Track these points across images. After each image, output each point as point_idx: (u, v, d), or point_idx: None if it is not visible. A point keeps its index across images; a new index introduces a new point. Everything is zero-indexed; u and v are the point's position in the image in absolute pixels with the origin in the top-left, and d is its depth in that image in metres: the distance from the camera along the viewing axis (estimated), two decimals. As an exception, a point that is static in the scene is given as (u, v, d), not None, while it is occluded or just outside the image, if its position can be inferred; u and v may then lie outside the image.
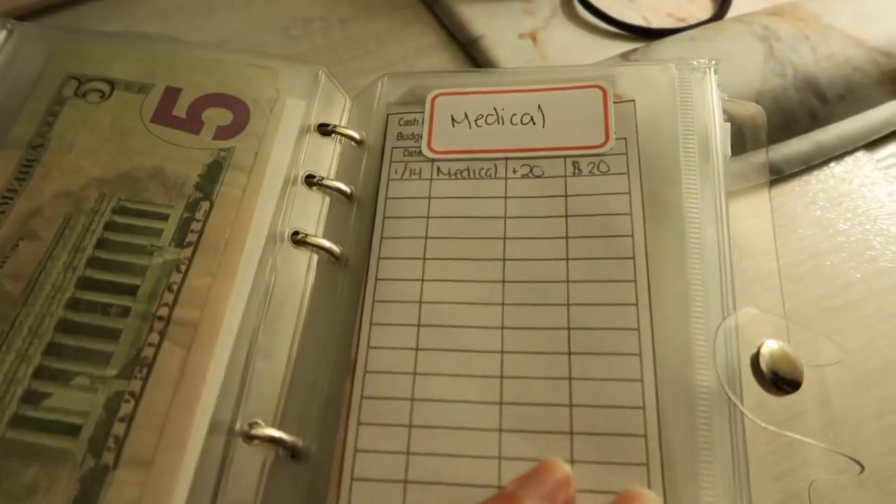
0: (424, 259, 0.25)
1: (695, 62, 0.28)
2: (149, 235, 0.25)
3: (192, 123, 0.28)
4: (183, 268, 0.24)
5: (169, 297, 0.23)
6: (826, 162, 0.33)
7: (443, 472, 0.21)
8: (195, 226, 0.25)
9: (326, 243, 0.26)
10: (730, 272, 0.24)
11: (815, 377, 0.25)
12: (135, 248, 0.25)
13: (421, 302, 0.24)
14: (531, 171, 0.26)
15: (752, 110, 0.29)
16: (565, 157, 0.26)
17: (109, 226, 0.25)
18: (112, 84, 0.29)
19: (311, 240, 0.26)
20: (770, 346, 0.23)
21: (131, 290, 0.24)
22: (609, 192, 0.25)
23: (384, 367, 0.23)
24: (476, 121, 0.28)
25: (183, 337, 0.22)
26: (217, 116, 0.28)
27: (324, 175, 0.28)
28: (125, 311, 0.23)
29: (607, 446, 0.21)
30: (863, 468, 0.22)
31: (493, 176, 0.26)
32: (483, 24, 0.38)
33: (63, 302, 0.23)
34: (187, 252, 0.24)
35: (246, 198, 0.26)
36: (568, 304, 0.23)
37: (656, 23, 0.38)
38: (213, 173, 0.26)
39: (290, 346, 0.24)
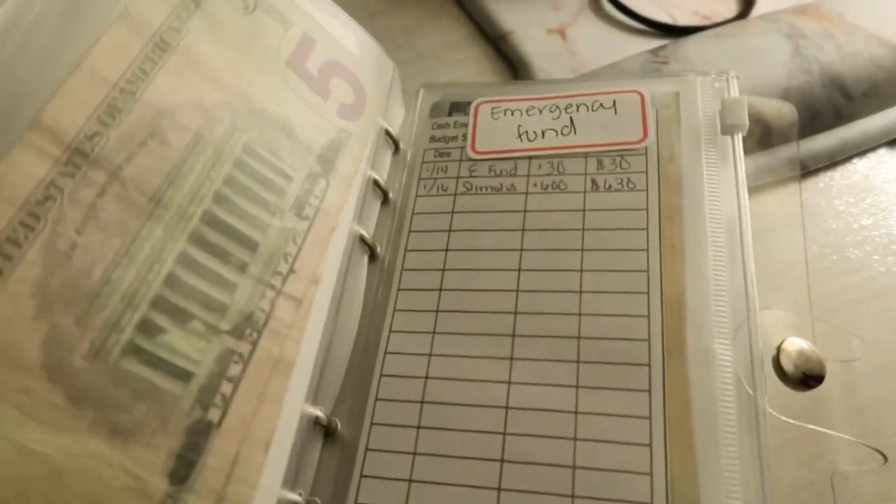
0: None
1: (716, 83, 0.28)
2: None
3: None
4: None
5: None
6: (850, 158, 0.33)
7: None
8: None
9: (377, 247, 0.27)
10: (752, 274, 0.24)
11: (839, 367, 0.26)
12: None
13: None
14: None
15: (782, 107, 0.30)
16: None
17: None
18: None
19: (365, 238, 0.26)
20: (791, 344, 0.23)
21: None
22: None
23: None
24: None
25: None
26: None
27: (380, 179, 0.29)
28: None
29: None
30: (886, 459, 0.23)
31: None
32: (511, 19, 0.39)
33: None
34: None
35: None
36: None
37: (682, 20, 0.38)
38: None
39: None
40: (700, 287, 0.23)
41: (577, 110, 0.28)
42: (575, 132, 0.28)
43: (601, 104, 0.28)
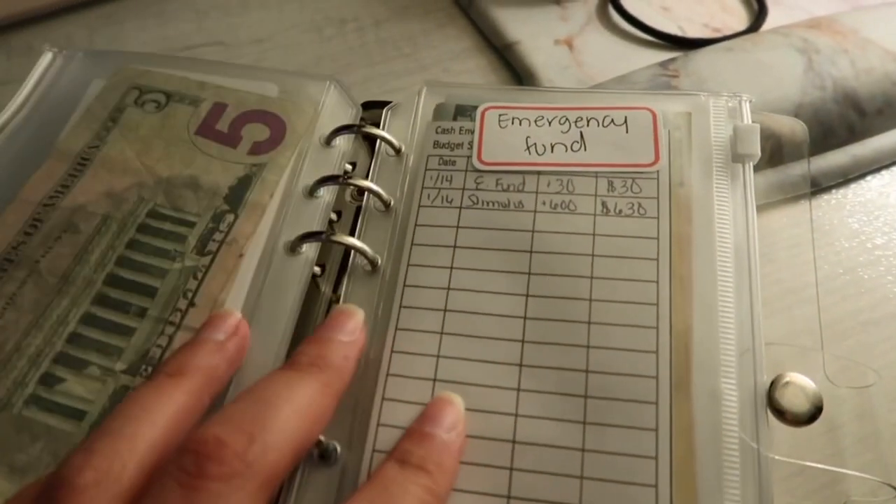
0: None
1: (729, 103, 0.28)
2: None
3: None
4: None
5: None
6: (863, 175, 0.33)
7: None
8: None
9: (369, 250, 0.26)
10: (759, 311, 0.23)
11: (850, 394, 0.25)
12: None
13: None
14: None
15: (794, 125, 0.29)
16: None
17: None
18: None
19: (343, 239, 0.26)
20: (786, 380, 0.22)
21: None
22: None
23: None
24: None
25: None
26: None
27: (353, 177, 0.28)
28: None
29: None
30: (898, 491, 0.22)
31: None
32: (518, 29, 0.38)
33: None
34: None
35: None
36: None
37: (692, 33, 0.38)
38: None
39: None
40: (707, 323, 0.22)
41: (588, 124, 0.27)
42: (585, 149, 0.27)
43: (612, 120, 0.27)
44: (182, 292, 0.25)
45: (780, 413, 0.21)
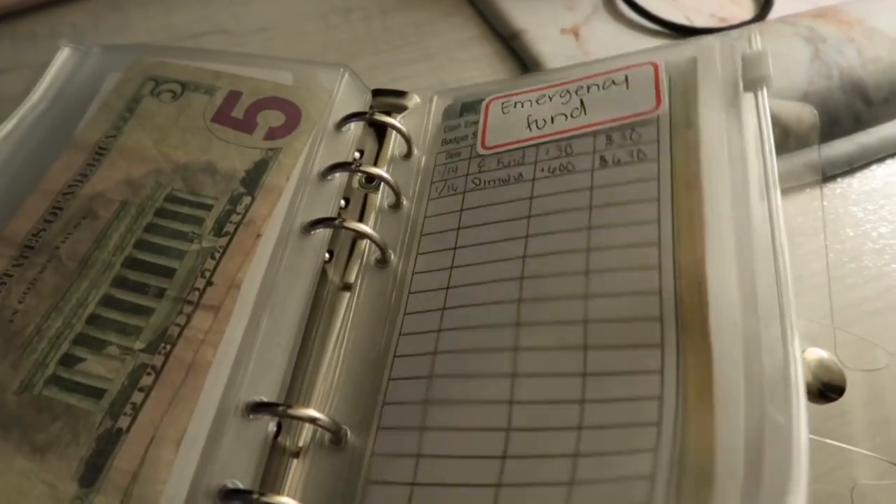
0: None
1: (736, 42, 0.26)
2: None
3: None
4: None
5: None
6: (868, 164, 0.33)
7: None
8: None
9: (379, 239, 0.26)
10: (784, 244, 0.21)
11: (859, 378, 0.25)
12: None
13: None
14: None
15: (802, 110, 0.29)
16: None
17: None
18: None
19: (356, 227, 0.26)
20: (812, 355, 0.23)
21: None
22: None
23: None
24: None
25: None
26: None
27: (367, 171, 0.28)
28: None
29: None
30: (907, 473, 0.22)
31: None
32: (524, 18, 0.38)
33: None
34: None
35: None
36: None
37: (698, 22, 0.38)
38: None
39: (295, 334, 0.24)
40: (724, 260, 0.21)
41: (588, 91, 0.27)
42: (585, 113, 0.26)
43: (612, 81, 0.27)
44: (200, 272, 0.25)
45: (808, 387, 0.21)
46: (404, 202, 0.28)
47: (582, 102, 0.27)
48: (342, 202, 0.28)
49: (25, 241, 0.26)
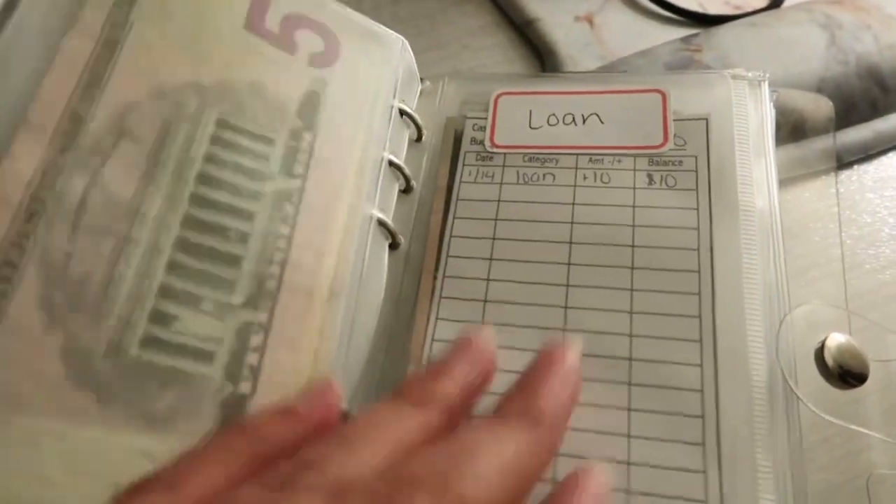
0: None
1: (749, 74, 0.28)
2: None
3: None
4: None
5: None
6: (885, 151, 0.33)
7: None
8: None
9: (397, 233, 0.26)
10: (783, 269, 0.24)
11: (877, 365, 0.25)
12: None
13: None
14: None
15: (818, 100, 0.29)
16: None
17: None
18: None
19: (385, 222, 0.26)
20: (835, 340, 0.23)
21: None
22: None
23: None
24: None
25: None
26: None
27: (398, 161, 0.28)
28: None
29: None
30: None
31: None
32: (538, 5, 0.38)
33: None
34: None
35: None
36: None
37: (713, 9, 0.37)
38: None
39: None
40: (732, 279, 0.23)
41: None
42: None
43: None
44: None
45: (825, 370, 0.22)
46: (415, 186, 0.28)
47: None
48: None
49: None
